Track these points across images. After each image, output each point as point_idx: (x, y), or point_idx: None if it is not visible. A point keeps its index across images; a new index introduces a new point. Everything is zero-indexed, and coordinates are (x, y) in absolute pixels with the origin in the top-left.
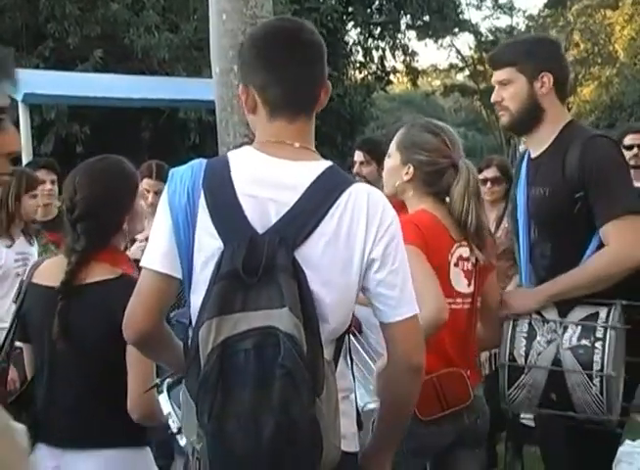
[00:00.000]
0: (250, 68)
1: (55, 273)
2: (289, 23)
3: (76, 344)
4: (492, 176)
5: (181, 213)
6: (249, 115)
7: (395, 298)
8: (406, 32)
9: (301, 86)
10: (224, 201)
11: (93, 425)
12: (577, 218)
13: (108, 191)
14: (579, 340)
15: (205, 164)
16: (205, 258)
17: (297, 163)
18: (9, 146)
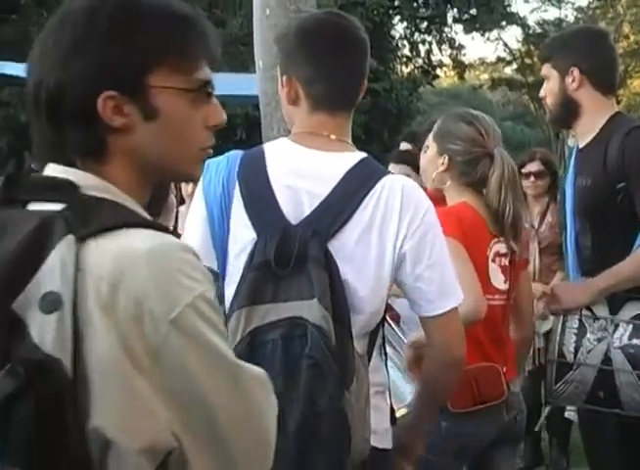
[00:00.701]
0: (295, 60)
1: None
2: (336, 18)
3: None
4: (536, 170)
5: (216, 204)
6: (287, 105)
7: (434, 292)
8: (453, 26)
9: (347, 83)
10: (258, 192)
11: None
12: (620, 210)
13: None
14: (630, 339)
15: (241, 155)
16: (238, 249)
17: (331, 154)
18: (213, 119)
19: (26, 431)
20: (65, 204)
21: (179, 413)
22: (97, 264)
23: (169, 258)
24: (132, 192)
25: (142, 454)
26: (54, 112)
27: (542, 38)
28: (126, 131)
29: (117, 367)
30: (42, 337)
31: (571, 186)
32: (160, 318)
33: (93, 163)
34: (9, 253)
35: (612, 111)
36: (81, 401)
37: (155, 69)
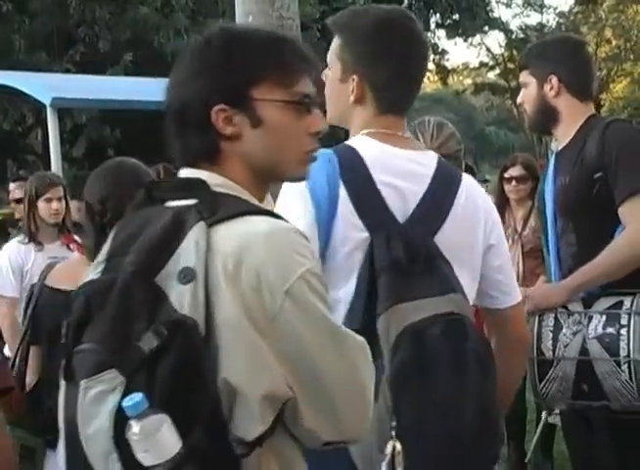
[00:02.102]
0: (368, 61)
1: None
2: (407, 18)
3: None
4: (518, 174)
5: (323, 205)
6: (349, 103)
7: (509, 284)
8: (436, 31)
9: (417, 87)
10: (365, 191)
11: None
12: (597, 200)
13: None
14: (605, 328)
15: (335, 155)
16: (349, 250)
17: (415, 152)
18: (314, 127)
19: (169, 380)
20: (196, 198)
21: (291, 369)
22: (223, 245)
23: (283, 238)
24: (248, 189)
25: (262, 401)
26: (179, 124)
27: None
28: (237, 138)
29: (241, 329)
30: (180, 303)
31: (551, 188)
32: (276, 289)
33: (211, 165)
34: (152, 238)
35: (588, 113)
36: (212, 356)
37: (258, 84)
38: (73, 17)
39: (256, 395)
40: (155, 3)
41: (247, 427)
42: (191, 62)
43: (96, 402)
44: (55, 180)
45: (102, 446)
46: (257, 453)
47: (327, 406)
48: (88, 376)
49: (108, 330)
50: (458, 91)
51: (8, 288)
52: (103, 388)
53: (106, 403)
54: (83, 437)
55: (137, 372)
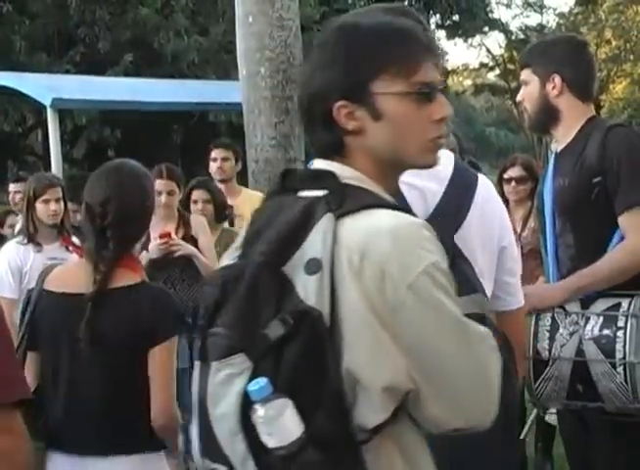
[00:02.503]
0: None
1: (70, 280)
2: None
3: (103, 350)
4: (517, 175)
5: None
6: None
7: (516, 286)
8: (436, 32)
9: None
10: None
11: (114, 431)
12: (596, 205)
13: (140, 195)
14: (601, 330)
15: None
16: None
17: None
18: (437, 114)
19: (293, 367)
20: (326, 190)
21: (414, 361)
22: (349, 238)
23: (408, 232)
24: (378, 181)
25: (383, 392)
26: (307, 120)
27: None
28: (360, 132)
29: (364, 321)
30: (306, 293)
31: (550, 189)
32: (398, 283)
33: (339, 159)
34: (282, 228)
35: (589, 114)
36: (336, 347)
37: (376, 78)
38: (73, 18)
39: (378, 385)
40: (155, 4)
41: (368, 415)
42: (312, 60)
43: (225, 384)
44: (53, 181)
45: (229, 427)
46: (379, 439)
47: (451, 396)
48: (218, 358)
49: (238, 316)
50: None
51: (7, 289)
52: (231, 371)
53: (233, 386)
54: (212, 416)
55: (263, 358)
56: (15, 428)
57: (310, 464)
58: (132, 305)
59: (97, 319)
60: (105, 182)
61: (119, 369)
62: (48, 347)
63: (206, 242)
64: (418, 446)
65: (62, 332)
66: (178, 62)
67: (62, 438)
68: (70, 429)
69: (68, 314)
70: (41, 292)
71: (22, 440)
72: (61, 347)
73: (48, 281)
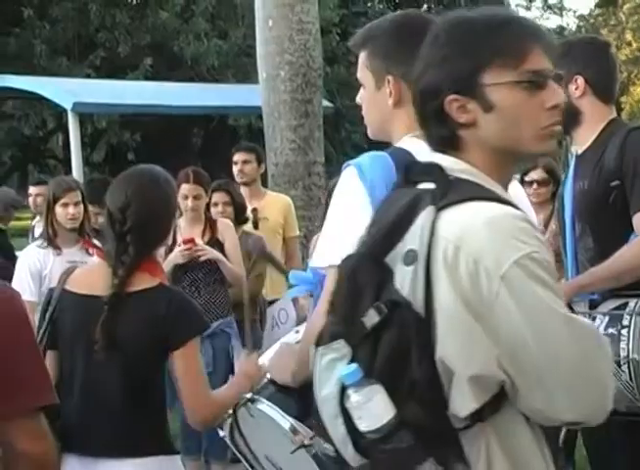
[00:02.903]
0: (398, 58)
1: (90, 282)
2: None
3: (119, 353)
4: (539, 178)
5: None
6: (389, 107)
7: None
8: None
9: None
10: None
11: (129, 433)
12: (614, 208)
13: (160, 202)
14: (606, 329)
15: (390, 157)
16: None
17: None
18: (550, 101)
19: (387, 354)
20: (434, 183)
21: (506, 352)
22: (446, 229)
23: (505, 224)
24: (489, 174)
25: (472, 380)
26: (421, 116)
27: None
28: (472, 125)
29: (457, 313)
30: (402, 283)
31: (571, 192)
32: (492, 274)
33: (454, 152)
34: (388, 220)
35: (610, 117)
36: (429, 336)
37: (485, 70)
38: (94, 22)
39: (467, 374)
40: (174, 8)
41: (460, 403)
42: (422, 57)
43: (328, 369)
44: (72, 185)
45: (331, 409)
46: (478, 428)
47: (551, 389)
48: (324, 344)
49: (341, 304)
50: None
51: (27, 292)
52: (334, 356)
53: (335, 370)
54: (318, 399)
55: (360, 344)
56: (43, 434)
57: (402, 448)
58: (149, 308)
59: (113, 322)
60: (125, 187)
61: (135, 372)
62: (66, 347)
63: (232, 246)
64: (523, 437)
65: (79, 333)
66: (198, 65)
67: (75, 439)
68: (84, 430)
69: (86, 316)
70: (62, 292)
71: (50, 445)
72: (78, 347)
73: (69, 281)
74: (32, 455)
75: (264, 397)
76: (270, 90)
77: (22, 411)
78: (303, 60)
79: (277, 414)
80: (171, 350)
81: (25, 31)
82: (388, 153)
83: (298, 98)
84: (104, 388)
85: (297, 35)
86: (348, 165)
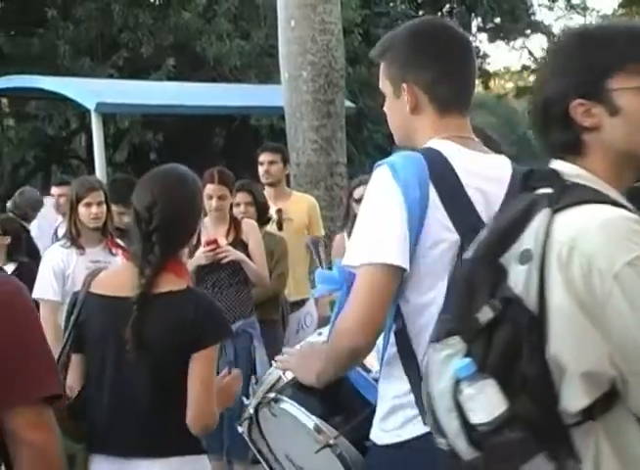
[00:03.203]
0: (414, 65)
1: (117, 283)
2: (446, 23)
3: (147, 354)
4: None
5: (415, 206)
6: (406, 115)
7: None
8: (477, 35)
9: (469, 84)
10: (454, 193)
11: (157, 433)
12: None
13: (186, 202)
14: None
15: (422, 157)
16: (440, 252)
17: (488, 156)
18: None
19: (500, 350)
20: (551, 188)
21: (618, 350)
22: (561, 232)
23: (618, 226)
24: (610, 179)
25: (583, 377)
26: (543, 122)
27: None
28: (597, 129)
29: (570, 312)
30: (515, 282)
31: None
32: (605, 274)
33: (574, 157)
34: (504, 222)
35: None
36: (542, 333)
37: (613, 76)
38: (117, 22)
39: (578, 371)
40: (197, 8)
41: (570, 400)
42: (548, 63)
43: (443, 364)
44: (94, 185)
45: (445, 403)
46: (587, 426)
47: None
48: (440, 340)
49: (457, 302)
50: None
51: (50, 292)
52: (449, 351)
53: (450, 365)
54: (433, 393)
55: (475, 340)
56: (46, 424)
57: (514, 442)
58: (177, 310)
59: (143, 323)
60: (152, 187)
61: (163, 373)
62: (93, 349)
63: (257, 247)
64: (634, 437)
65: (107, 335)
66: (220, 66)
67: (104, 440)
68: (113, 431)
69: (114, 317)
70: (87, 295)
71: (53, 435)
72: (106, 349)
73: (94, 284)
74: (34, 445)
75: (286, 396)
76: (292, 91)
77: (25, 400)
78: (326, 60)
79: (301, 413)
80: (192, 352)
81: (49, 32)
82: (421, 153)
83: (321, 98)
84: (132, 388)
85: (320, 36)
86: (380, 165)
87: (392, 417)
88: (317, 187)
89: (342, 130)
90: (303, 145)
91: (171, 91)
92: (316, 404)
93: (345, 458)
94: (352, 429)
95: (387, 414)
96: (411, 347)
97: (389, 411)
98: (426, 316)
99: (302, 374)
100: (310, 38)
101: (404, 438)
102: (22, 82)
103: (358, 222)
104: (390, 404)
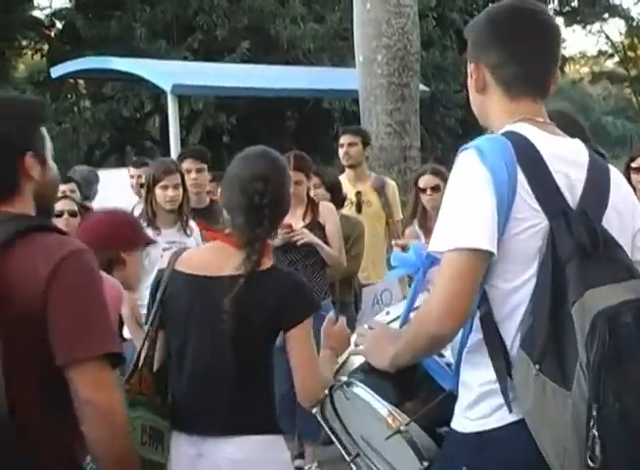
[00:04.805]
0: (485, 47)
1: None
2: (529, 5)
3: (237, 331)
4: None
5: (503, 189)
6: (474, 94)
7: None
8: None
9: (543, 66)
10: (542, 177)
11: (238, 412)
12: None
13: (288, 180)
14: None
15: (508, 141)
16: (528, 236)
17: (566, 140)
18: None
19: None
20: None
21: None
22: None
23: None
24: None
25: None
26: None
27: None
28: None
29: None
30: None
31: None
32: None
33: None
34: None
35: None
36: None
37: None
38: (192, 5)
39: None
40: None
41: None
42: None
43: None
44: (171, 168)
45: None
46: None
47: None
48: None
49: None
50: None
51: None
52: None
53: None
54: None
55: None
56: (108, 383)
57: None
58: (275, 287)
59: (240, 300)
60: (262, 163)
61: (249, 351)
62: (177, 326)
63: (333, 229)
64: None
65: (191, 313)
66: (294, 49)
67: (184, 418)
68: (194, 409)
69: (198, 295)
70: (173, 272)
71: (116, 396)
72: (190, 327)
73: (179, 262)
74: (96, 404)
75: (359, 380)
76: (367, 74)
77: (87, 355)
78: (401, 43)
79: (373, 399)
80: (286, 329)
81: (126, 14)
82: (505, 136)
83: (395, 82)
84: (214, 366)
85: (395, 19)
86: (465, 149)
87: (479, 406)
88: (390, 171)
89: (416, 114)
90: (377, 129)
91: (245, 74)
92: (388, 389)
93: (417, 444)
94: (425, 415)
95: (472, 403)
96: (498, 333)
97: (476, 400)
98: (513, 302)
99: (375, 358)
100: (385, 21)
101: (489, 427)
102: (98, 64)
103: (444, 206)
104: (477, 393)
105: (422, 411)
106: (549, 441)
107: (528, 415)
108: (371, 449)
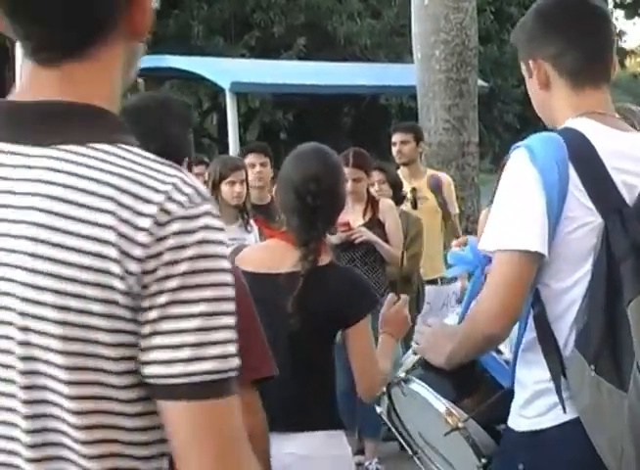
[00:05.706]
0: (540, 41)
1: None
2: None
3: (308, 327)
4: None
5: (553, 189)
6: (539, 92)
7: None
8: (614, 11)
9: (601, 52)
10: (597, 175)
11: (301, 408)
12: None
13: (343, 180)
14: None
15: (562, 138)
16: (582, 235)
17: (629, 134)
18: None
19: None
20: None
21: None
22: None
23: None
24: None
25: None
26: None
27: None
28: None
29: None
30: None
31: None
32: None
33: None
34: None
35: None
36: None
37: None
38: (249, 2)
39: None
40: None
41: None
42: None
43: None
44: (238, 164)
45: None
46: None
47: None
48: None
49: None
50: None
51: None
52: None
53: None
54: None
55: None
56: (257, 407)
57: None
58: (333, 283)
59: (307, 296)
60: (314, 162)
61: (311, 348)
62: None
63: (393, 226)
64: None
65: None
66: (350, 45)
67: None
68: None
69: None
70: None
71: (262, 419)
72: None
73: (239, 260)
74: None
75: (416, 376)
76: (425, 70)
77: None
78: (459, 39)
79: (431, 395)
80: (346, 326)
81: (184, 12)
82: (559, 133)
83: (453, 78)
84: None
85: (453, 14)
86: (517, 147)
87: (533, 404)
88: (448, 167)
89: (475, 110)
90: (435, 124)
91: (302, 70)
92: (446, 386)
93: (475, 441)
94: (483, 412)
95: (527, 401)
96: (551, 332)
97: (530, 398)
98: (566, 301)
99: (432, 355)
100: (444, 17)
101: (544, 426)
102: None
103: (495, 205)
104: (531, 391)
105: (480, 408)
106: (606, 441)
107: (584, 415)
108: (428, 446)
